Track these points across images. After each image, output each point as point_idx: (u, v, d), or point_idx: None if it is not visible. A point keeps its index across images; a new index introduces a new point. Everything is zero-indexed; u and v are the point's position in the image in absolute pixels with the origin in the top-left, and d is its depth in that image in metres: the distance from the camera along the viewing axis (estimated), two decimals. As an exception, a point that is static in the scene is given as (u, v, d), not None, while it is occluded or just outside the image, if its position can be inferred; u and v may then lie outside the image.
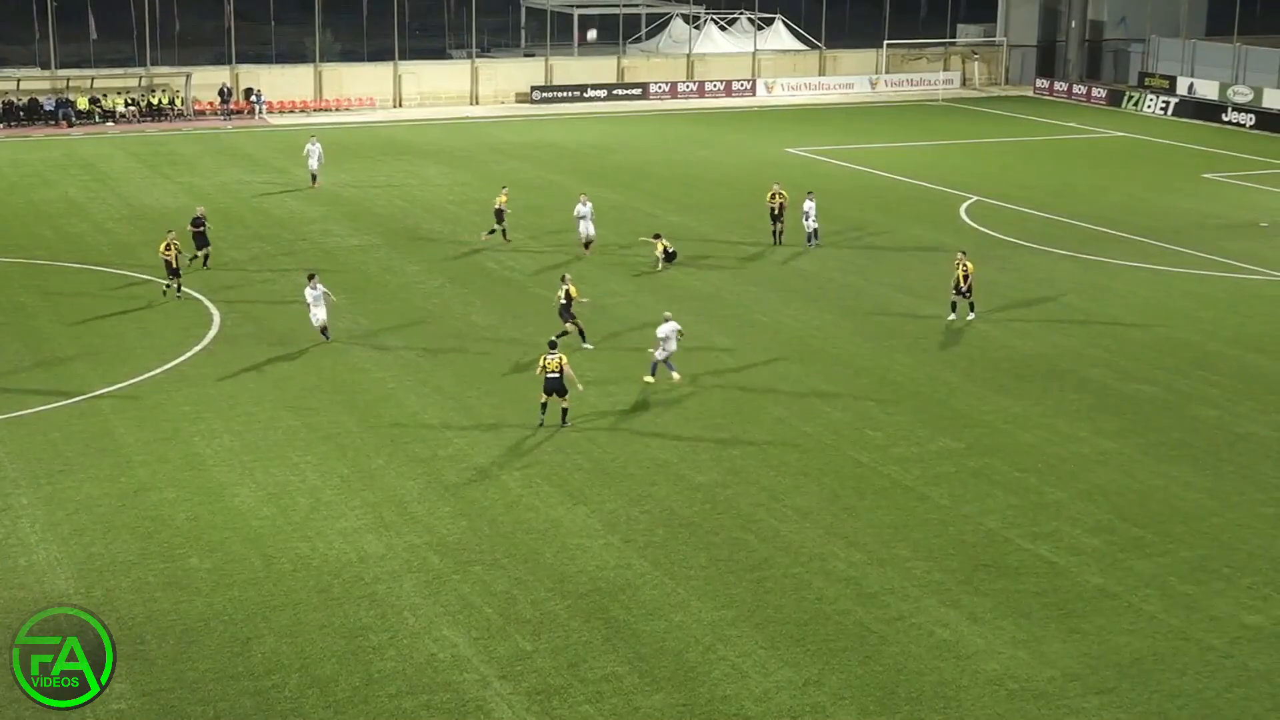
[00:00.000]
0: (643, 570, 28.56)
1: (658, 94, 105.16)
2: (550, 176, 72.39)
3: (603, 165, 75.61)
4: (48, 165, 75.56)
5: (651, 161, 77.32)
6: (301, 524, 30.58)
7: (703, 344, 43.39)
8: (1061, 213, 63.78)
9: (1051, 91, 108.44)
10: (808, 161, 78.41)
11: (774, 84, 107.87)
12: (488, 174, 73.26)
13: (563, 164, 76.54)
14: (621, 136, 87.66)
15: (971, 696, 24.13)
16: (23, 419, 36.64)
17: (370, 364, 41.46)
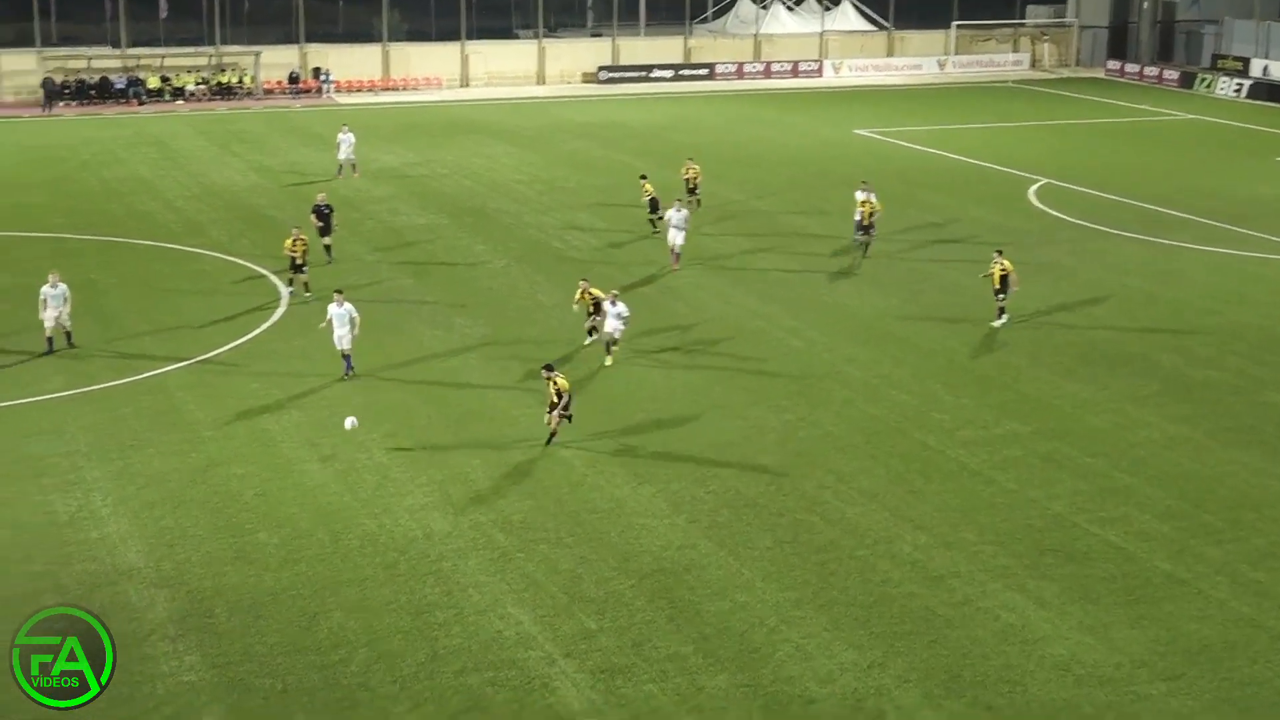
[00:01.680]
0: (707, 551, 28.56)
1: (724, 74, 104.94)
2: (616, 156, 72.38)
3: (668, 145, 75.46)
4: (118, 143, 76.27)
5: (717, 142, 77.14)
6: (368, 501, 30.77)
7: (768, 324, 43.33)
8: (1131, 196, 63.17)
9: (1123, 73, 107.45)
10: (874, 143, 78.04)
11: (841, 65, 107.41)
12: (553, 154, 73.37)
13: (628, 144, 76.50)
14: (687, 117, 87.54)
15: (1038, 681, 23.99)
16: (93, 394, 37.02)
17: (436, 343, 41.61)
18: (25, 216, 58.07)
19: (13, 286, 45.42)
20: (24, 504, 30.38)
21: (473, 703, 23.19)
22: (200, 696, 23.27)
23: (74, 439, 33.95)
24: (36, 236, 54.55)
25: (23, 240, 53.87)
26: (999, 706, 23.26)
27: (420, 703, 23.16)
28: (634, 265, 50.39)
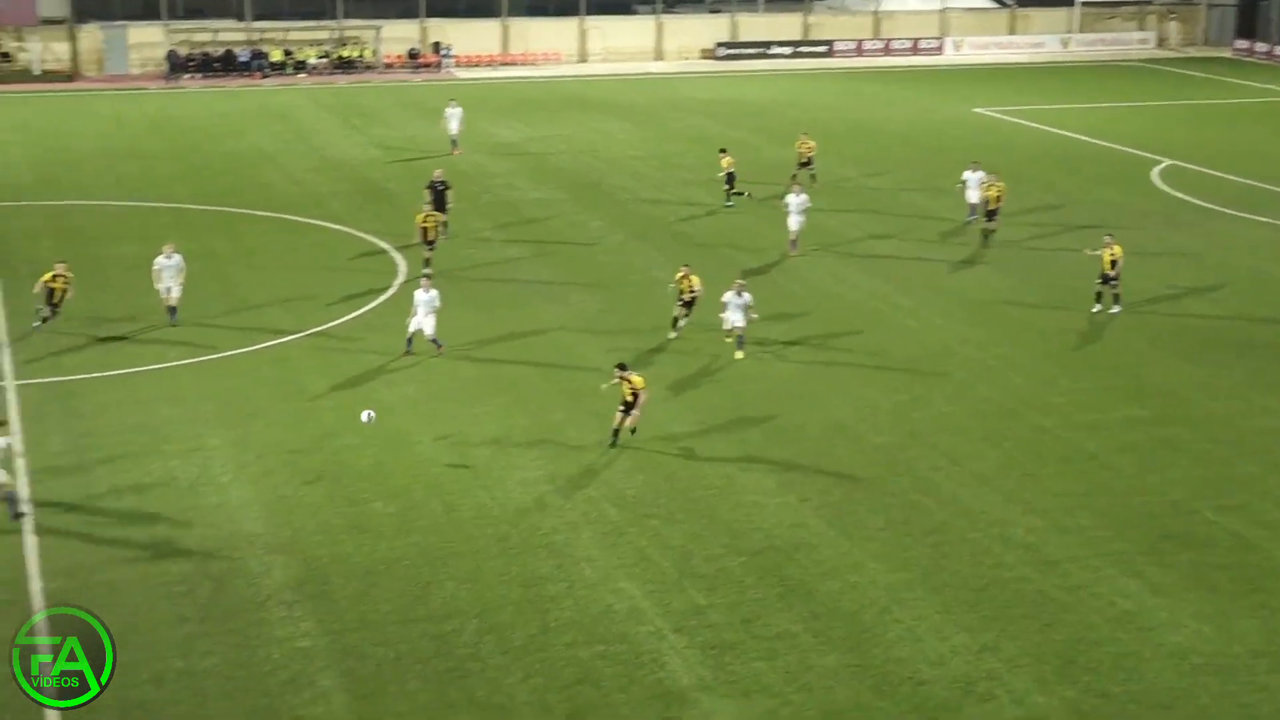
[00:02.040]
0: (818, 530, 28.49)
1: (843, 51, 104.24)
2: (732, 133, 72.14)
3: (785, 122, 75.11)
4: (241, 115, 77.32)
5: (834, 119, 76.69)
6: (482, 473, 31.01)
7: (884, 304, 43.08)
8: (1258, 178, 61.92)
9: (1251, 53, 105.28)
10: (995, 122, 77.18)
11: (962, 42, 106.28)
12: (670, 130, 73.34)
13: (745, 121, 76.28)
14: (805, 94, 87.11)
15: (1153, 669, 23.69)
16: (215, 363, 37.63)
17: (552, 316, 41.81)
18: (150, 187, 59.07)
19: (137, 255, 46.20)
20: (147, 469, 30.95)
21: (583, 675, 23.33)
22: (315, 662, 23.62)
23: (195, 407, 34.54)
24: (161, 207, 55.47)
25: (148, 210, 54.80)
26: (1113, 694, 23.01)
27: (531, 674, 23.34)
28: (747, 241, 50.29)
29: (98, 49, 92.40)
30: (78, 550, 27.27)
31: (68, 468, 31.01)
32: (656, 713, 22.40)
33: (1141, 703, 22.81)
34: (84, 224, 52.68)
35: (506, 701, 22.62)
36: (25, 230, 51.67)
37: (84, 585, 25.92)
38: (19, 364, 37.39)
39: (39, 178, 60.89)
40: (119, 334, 39.70)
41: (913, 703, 22.71)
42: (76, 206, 55.62)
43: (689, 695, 22.86)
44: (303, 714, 22.22)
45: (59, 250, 48.37)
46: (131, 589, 25.88)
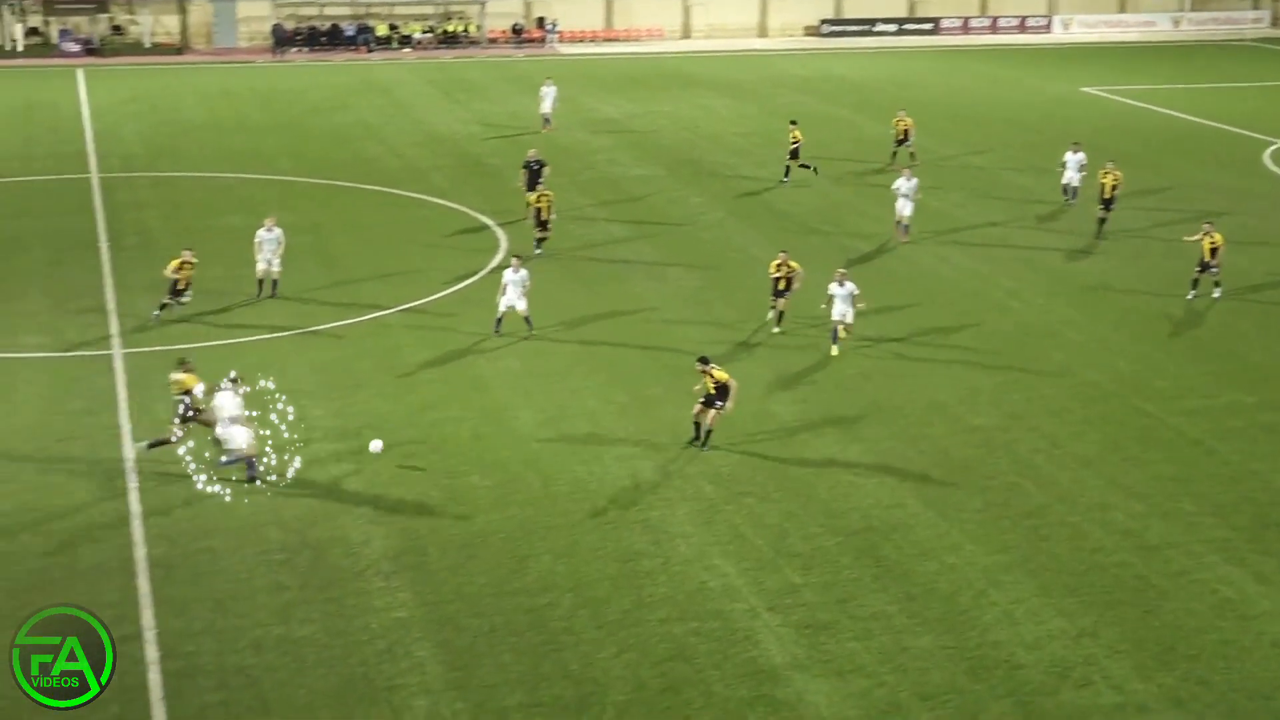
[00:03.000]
0: (916, 510, 28.33)
1: (949, 29, 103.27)
2: (835, 111, 71.83)
3: (890, 101, 74.45)
4: (346, 89, 77.93)
5: (940, 98, 76.01)
6: (579, 448, 31.12)
7: (985, 284, 42.70)
8: (1373, 161, 60.74)
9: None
10: (1103, 102, 76.14)
11: (1071, 21, 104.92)
12: (772, 107, 73.02)
13: (848, 99, 75.84)
14: (910, 72, 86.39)
15: (1254, 659, 23.35)
16: (318, 334, 38.02)
17: (651, 294, 41.84)
18: (256, 159, 59.74)
19: (243, 227, 46.72)
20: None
21: (676, 651, 23.37)
22: (411, 632, 23.83)
23: (298, 377, 34.91)
24: (266, 179, 56.09)
25: (253, 183, 55.43)
26: (1213, 682, 22.70)
27: (624, 649, 23.42)
28: (850, 222, 50.01)
29: (207, 22, 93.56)
30: (179, 518, 27.68)
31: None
32: (749, 690, 22.40)
33: (1241, 691, 22.49)
34: (191, 196, 53.38)
35: (600, 675, 22.71)
36: (133, 201, 52.44)
37: (186, 552, 26.33)
38: (126, 333, 37.98)
39: (148, 149, 61.76)
40: (224, 305, 40.20)
41: (1008, 687, 22.54)
42: (184, 178, 56.37)
43: (782, 674, 22.84)
44: (398, 683, 22.44)
45: (166, 222, 49.22)
46: (232, 556, 26.25)
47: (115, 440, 31.12)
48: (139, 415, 32.41)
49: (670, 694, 22.30)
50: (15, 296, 41.16)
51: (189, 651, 23.19)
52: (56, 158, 59.85)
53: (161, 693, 22.09)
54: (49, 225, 49.07)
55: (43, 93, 75.67)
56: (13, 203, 52.37)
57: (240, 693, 22.15)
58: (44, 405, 33.19)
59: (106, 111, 70.25)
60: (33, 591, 24.77)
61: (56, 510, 27.92)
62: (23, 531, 27.05)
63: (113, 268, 43.90)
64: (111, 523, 27.44)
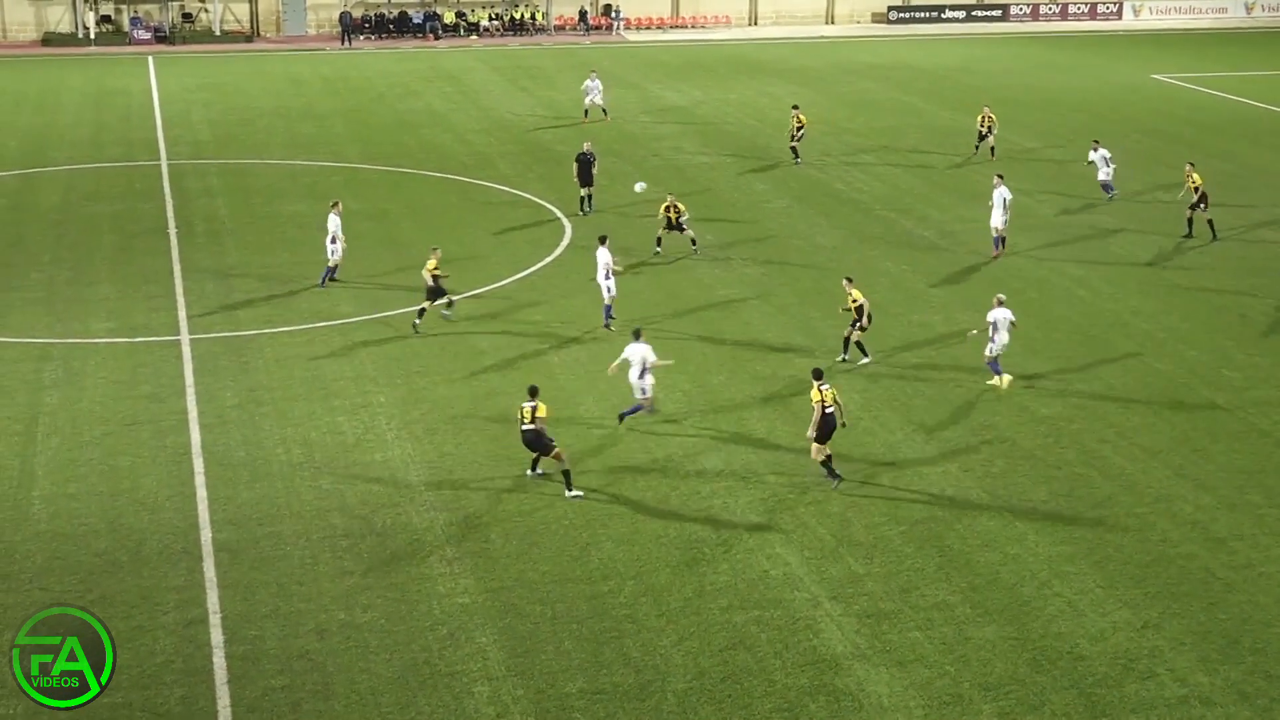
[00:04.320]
0: (980, 500, 28.16)
1: (1018, 16, 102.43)
2: (902, 98, 71.42)
3: (957, 88, 74.12)
4: (414, 76, 78.21)
5: (1008, 85, 75.41)
6: (642, 436, 31.11)
7: (1052, 272, 42.35)
8: None
9: None
10: (1173, 89, 75.32)
11: (1141, 7, 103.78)
12: (838, 95, 72.70)
13: (917, 86, 75.35)
14: (979, 59, 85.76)
15: (1322, 653, 23.10)
16: (385, 320, 38.21)
17: (715, 280, 41.78)
18: (324, 146, 60.09)
19: (310, 214, 47.04)
20: (314, 424, 31.58)
21: (737, 640, 23.36)
22: (474, 618, 23.93)
23: (363, 363, 35.12)
24: (334, 166, 56.40)
25: (320, 169, 55.75)
26: (1278, 675, 22.45)
27: (685, 637, 23.43)
28: (918, 207, 49.72)
29: (276, 10, 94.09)
30: (245, 503, 27.92)
31: (238, 421, 31.74)
32: (810, 679, 22.35)
33: (1310, 686, 22.26)
34: (259, 182, 53.76)
35: (661, 663, 22.74)
36: (203, 188, 52.87)
37: (251, 537, 26.55)
38: (193, 319, 38.32)
39: (217, 136, 62.25)
40: (290, 291, 40.47)
41: (1071, 678, 22.38)
42: (252, 165, 56.78)
43: (843, 663, 22.78)
44: (460, 669, 22.55)
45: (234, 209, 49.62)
46: (297, 541, 26.45)
47: (183, 425, 31.42)
48: (205, 401, 32.70)
49: (731, 682, 22.29)
50: (86, 282, 41.61)
51: (253, 636, 23.39)
52: (127, 144, 60.44)
53: (226, 676, 22.30)
54: (120, 210, 49.58)
55: (114, 80, 76.41)
56: (85, 188, 52.93)
57: (303, 677, 22.32)
58: (112, 390, 33.54)
59: (176, 98, 70.85)
60: (99, 574, 25.08)
61: (123, 494, 28.23)
62: (90, 515, 27.37)
63: (181, 254, 44.28)
64: (178, 507, 27.71)
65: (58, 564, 25.55)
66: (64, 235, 46.76)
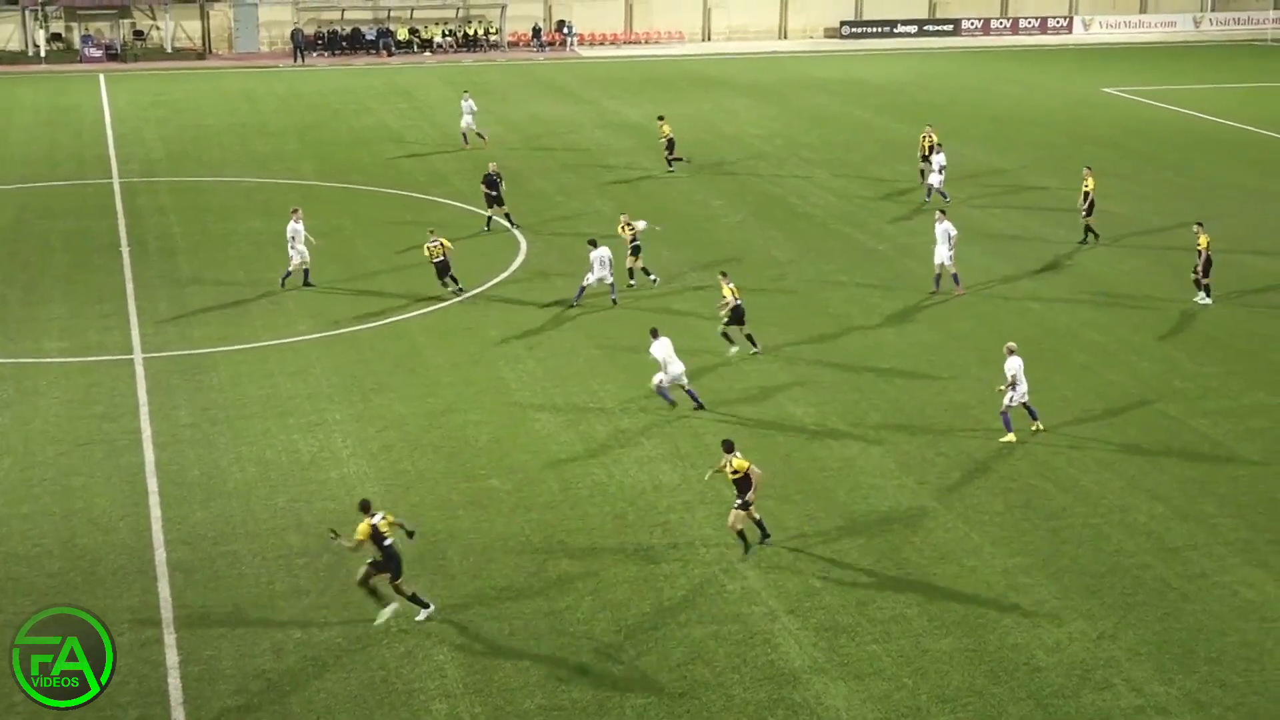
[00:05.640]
0: (936, 513, 28.26)
1: (970, 30, 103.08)
2: (856, 112, 71.72)
3: (911, 102, 74.48)
4: (368, 93, 78.08)
5: (961, 100, 75.87)
6: (599, 451, 31.12)
7: (1006, 285, 42.53)
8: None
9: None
10: (1124, 103, 75.90)
11: (1091, 21, 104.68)
12: (793, 109, 72.96)
13: (870, 100, 75.70)
14: (931, 73, 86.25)
15: (1276, 661, 23.22)
16: (339, 337, 38.10)
17: (672, 296, 41.79)
18: (278, 163, 59.90)
19: (265, 231, 46.88)
20: (270, 442, 31.44)
21: (695, 654, 23.36)
22: (431, 636, 23.86)
23: (318, 380, 35.00)
24: (288, 183, 56.22)
25: (275, 186, 55.56)
26: (1234, 684, 22.60)
27: (644, 652, 23.42)
28: (869, 220, 49.90)
29: (229, 27, 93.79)
30: (200, 522, 27.77)
31: (192, 439, 31.58)
32: (768, 693, 22.38)
33: (1263, 694, 22.38)
34: (213, 200, 53.54)
35: (619, 679, 22.71)
36: (156, 206, 52.63)
37: (206, 556, 26.41)
38: (146, 338, 38.10)
39: (170, 153, 61.97)
40: (245, 309, 40.29)
41: (1028, 689, 22.48)
42: (206, 182, 56.54)
43: (801, 676, 22.82)
44: (417, 687, 22.47)
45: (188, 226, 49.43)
46: (253, 560, 26.32)
47: (136, 445, 31.24)
48: (159, 420, 32.51)
49: (689, 697, 22.29)
50: (38, 301, 41.34)
51: (209, 656, 23.26)
52: (79, 162, 60.14)
53: (181, 697, 22.17)
54: (72, 229, 49.30)
55: (66, 97, 76.01)
56: (36, 206, 52.60)
57: (260, 697, 22.21)
58: (65, 409, 33.32)
59: (128, 116, 70.52)
60: (53, 594, 24.87)
61: (77, 514, 28.04)
62: (43, 536, 27.17)
63: (134, 272, 44.04)
64: (132, 527, 27.53)
65: (10, 585, 25.36)
66: (16, 254, 46.45)
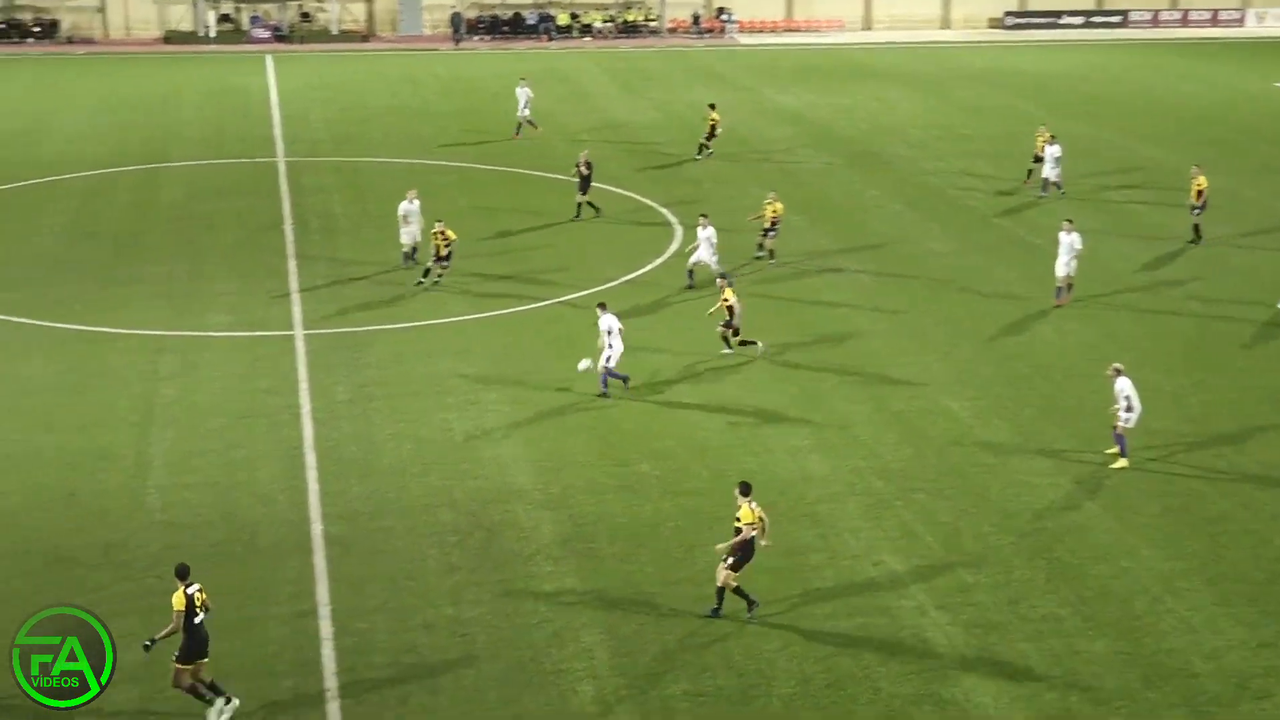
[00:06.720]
0: (1092, 513, 27.81)
1: (1138, 22, 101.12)
2: (1017, 104, 70.68)
3: (1074, 95, 73.27)
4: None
5: (1126, 93, 74.49)
6: (749, 439, 31.07)
7: (1172, 287, 41.71)
8: None
9: None
10: (1297, 98, 74.00)
11: (1265, 14, 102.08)
12: (952, 100, 72.12)
13: (1032, 92, 74.55)
14: (1096, 66, 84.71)
15: None
16: (495, 319, 38.45)
17: (824, 285, 41.62)
18: (437, 146, 60.51)
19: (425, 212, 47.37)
20: (426, 420, 31.83)
21: (842, 646, 23.24)
22: (579, 618, 24.00)
23: (474, 361, 35.36)
24: (447, 165, 56.81)
25: (434, 169, 56.15)
26: (1399, 699, 22.01)
27: (790, 643, 23.34)
28: (1029, 215, 49.22)
29: (392, 9, 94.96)
30: (356, 497, 28.21)
31: (350, 416, 32.08)
32: (915, 688, 22.20)
33: None
34: (373, 181, 54.27)
35: (765, 668, 22.68)
36: (318, 185, 53.51)
37: (361, 531, 26.83)
38: (308, 314, 38.77)
39: (333, 135, 62.95)
40: (404, 287, 40.80)
41: (1183, 695, 22.05)
42: (367, 163, 57.35)
43: (950, 673, 22.60)
44: (566, 668, 22.62)
45: (349, 206, 50.19)
46: (406, 536, 26.69)
47: (296, 420, 31.80)
48: (318, 396, 33.07)
49: (835, 689, 22.19)
50: (205, 276, 42.26)
51: (362, 629, 23.62)
52: (246, 141, 61.31)
53: (335, 668, 22.53)
54: (238, 207, 50.32)
55: (234, 78, 77.52)
56: (204, 184, 53.75)
57: (410, 671, 22.51)
58: (229, 383, 34.02)
59: (294, 97, 71.73)
60: (214, 565, 25.39)
61: (238, 486, 28.63)
62: (205, 506, 27.78)
63: (296, 250, 44.84)
64: (291, 500, 28.05)
65: (171, 553, 25.89)
66: (184, 230, 47.53)
